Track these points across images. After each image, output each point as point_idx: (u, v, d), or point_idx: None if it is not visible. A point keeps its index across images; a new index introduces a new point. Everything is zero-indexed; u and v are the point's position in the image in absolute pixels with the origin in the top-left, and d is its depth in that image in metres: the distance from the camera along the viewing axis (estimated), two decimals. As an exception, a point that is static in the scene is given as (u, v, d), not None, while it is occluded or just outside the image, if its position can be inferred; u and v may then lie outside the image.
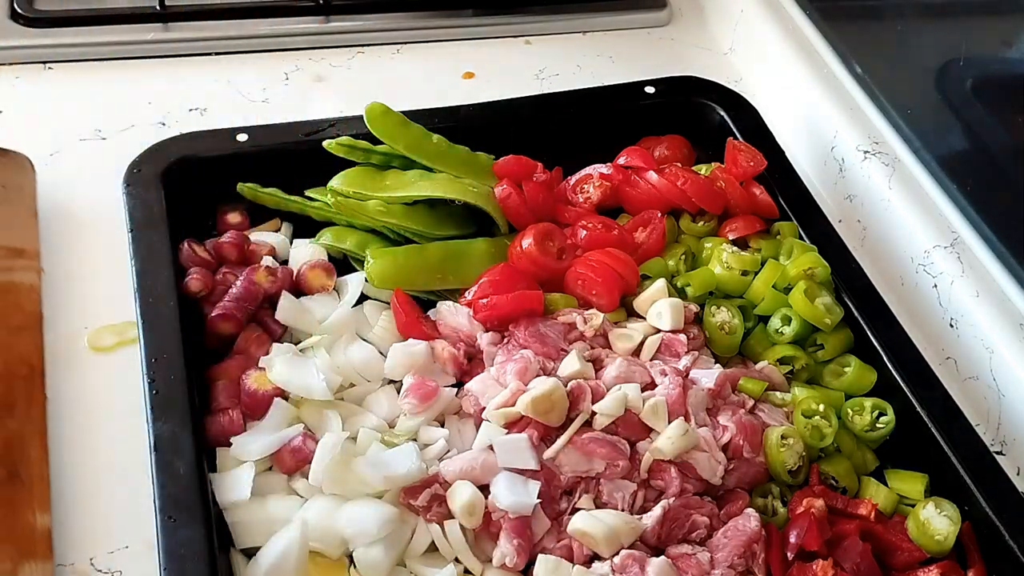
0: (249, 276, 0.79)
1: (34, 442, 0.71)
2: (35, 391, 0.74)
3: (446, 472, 0.71)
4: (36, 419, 0.73)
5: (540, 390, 0.72)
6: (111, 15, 1.03)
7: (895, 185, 0.94)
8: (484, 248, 0.87)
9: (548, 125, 0.96)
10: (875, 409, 0.78)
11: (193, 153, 0.86)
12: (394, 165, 0.89)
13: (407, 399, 0.75)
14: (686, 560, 0.68)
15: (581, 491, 0.72)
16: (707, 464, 0.73)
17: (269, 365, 0.75)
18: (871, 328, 0.82)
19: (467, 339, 0.80)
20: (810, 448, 0.76)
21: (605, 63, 1.12)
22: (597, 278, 0.82)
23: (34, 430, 0.72)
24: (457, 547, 0.69)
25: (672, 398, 0.74)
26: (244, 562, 0.67)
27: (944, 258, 0.89)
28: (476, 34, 1.12)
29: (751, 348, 0.84)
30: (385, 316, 0.81)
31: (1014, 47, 0.84)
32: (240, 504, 0.68)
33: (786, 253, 0.87)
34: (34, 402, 0.73)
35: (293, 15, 1.07)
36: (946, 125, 0.93)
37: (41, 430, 0.72)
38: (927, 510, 0.72)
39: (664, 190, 0.90)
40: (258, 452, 0.71)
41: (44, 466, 0.70)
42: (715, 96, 1.00)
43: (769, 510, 0.74)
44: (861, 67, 1.00)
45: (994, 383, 0.83)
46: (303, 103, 1.02)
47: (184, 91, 1.01)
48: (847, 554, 0.69)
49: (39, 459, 0.71)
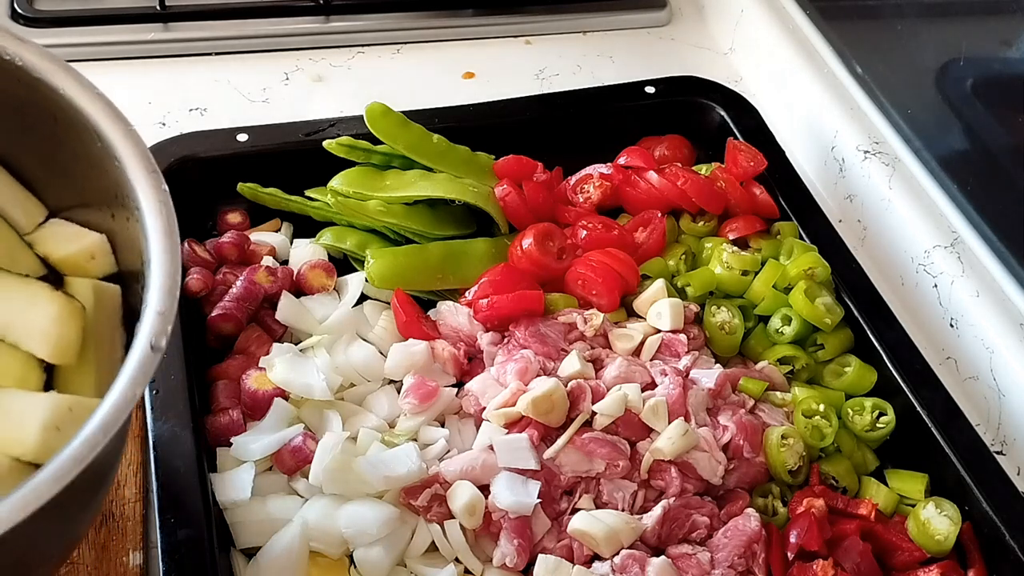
0: (249, 276, 0.79)
1: (129, 481, 0.70)
2: (134, 426, 0.72)
3: (446, 472, 0.71)
4: (133, 457, 0.71)
5: (540, 390, 0.72)
6: (111, 15, 1.03)
7: (895, 185, 0.94)
8: (484, 248, 0.87)
9: (548, 125, 0.96)
10: (875, 409, 0.78)
11: (193, 153, 0.86)
12: (394, 165, 0.89)
13: (407, 399, 0.75)
14: (686, 560, 0.68)
15: (581, 491, 0.72)
16: (707, 464, 0.73)
17: (269, 365, 0.75)
18: (871, 328, 0.82)
19: (467, 339, 0.80)
20: (810, 448, 0.76)
21: (605, 63, 1.12)
22: (597, 278, 0.82)
23: (131, 470, 0.71)
24: (457, 547, 0.69)
25: (672, 398, 0.74)
26: (244, 562, 0.67)
27: (944, 258, 0.89)
28: (476, 34, 1.12)
29: (751, 348, 0.84)
30: (385, 316, 0.81)
31: (1014, 47, 0.84)
32: (240, 504, 0.68)
33: (786, 253, 0.87)
34: (132, 438, 0.71)
35: (293, 15, 1.07)
36: (946, 125, 0.93)
37: (136, 468, 0.71)
38: (927, 510, 0.72)
39: (664, 190, 0.90)
40: (258, 452, 0.71)
41: (138, 505, 0.69)
42: (715, 96, 1.00)
43: (769, 510, 0.74)
44: (861, 67, 1.00)
45: (994, 383, 0.83)
46: (303, 103, 1.02)
47: (184, 91, 1.01)
48: (847, 554, 0.69)
49: (134, 498, 0.70)
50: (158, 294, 0.49)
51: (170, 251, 0.51)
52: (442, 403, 0.76)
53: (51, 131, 0.58)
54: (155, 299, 0.49)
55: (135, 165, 0.54)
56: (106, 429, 0.44)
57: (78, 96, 0.55)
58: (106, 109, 0.55)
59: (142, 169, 0.54)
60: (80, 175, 0.59)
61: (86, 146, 0.56)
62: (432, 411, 0.75)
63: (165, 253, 0.51)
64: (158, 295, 0.49)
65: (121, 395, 0.45)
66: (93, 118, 0.55)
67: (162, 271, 0.50)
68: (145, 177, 0.53)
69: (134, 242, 0.55)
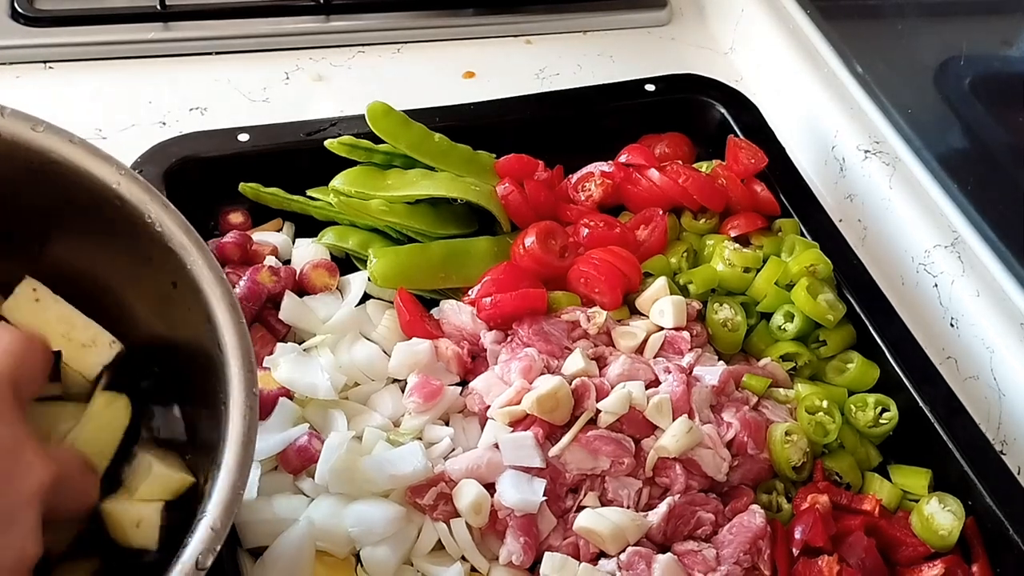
0: (252, 276, 0.79)
1: None
2: None
3: (452, 471, 0.71)
4: None
5: (545, 388, 0.72)
6: (111, 14, 1.02)
7: (896, 184, 0.94)
8: (487, 247, 0.87)
9: (549, 124, 0.96)
10: (878, 405, 0.79)
11: (195, 153, 0.86)
12: (396, 164, 0.89)
13: (411, 398, 0.75)
14: (692, 557, 0.69)
15: (586, 489, 0.72)
16: (711, 461, 0.73)
17: (274, 365, 0.75)
18: (873, 324, 0.82)
19: (471, 338, 0.80)
20: (814, 444, 0.76)
21: (605, 62, 1.12)
22: (600, 276, 0.82)
23: None
24: (464, 545, 0.69)
25: (676, 395, 0.75)
26: (251, 562, 0.67)
27: (945, 257, 0.89)
28: (477, 33, 1.11)
29: (754, 345, 0.84)
30: (388, 315, 0.81)
31: (1014, 46, 0.84)
32: (246, 504, 0.68)
33: (788, 250, 0.87)
34: None
35: (293, 15, 1.07)
36: (947, 125, 0.93)
37: None
38: (931, 505, 0.73)
39: (665, 188, 0.90)
40: (264, 452, 0.70)
41: None
42: (715, 93, 1.01)
43: (774, 506, 0.74)
44: (862, 66, 1.01)
45: (994, 383, 0.83)
46: (304, 103, 1.01)
47: (184, 91, 1.00)
48: (852, 549, 0.70)
49: None
50: (218, 510, 0.47)
51: (241, 465, 0.49)
52: (446, 402, 0.76)
53: (167, 293, 0.58)
54: (213, 512, 0.47)
55: (236, 363, 0.53)
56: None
57: (202, 275, 0.55)
58: (225, 297, 0.54)
59: (240, 368, 0.53)
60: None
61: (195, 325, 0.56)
62: (436, 410, 0.75)
63: (237, 467, 0.49)
64: (218, 511, 0.47)
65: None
66: (211, 301, 0.55)
67: (230, 485, 0.48)
68: (239, 377, 0.52)
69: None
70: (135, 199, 0.56)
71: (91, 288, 0.61)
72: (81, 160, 0.57)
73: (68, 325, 0.60)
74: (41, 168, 0.57)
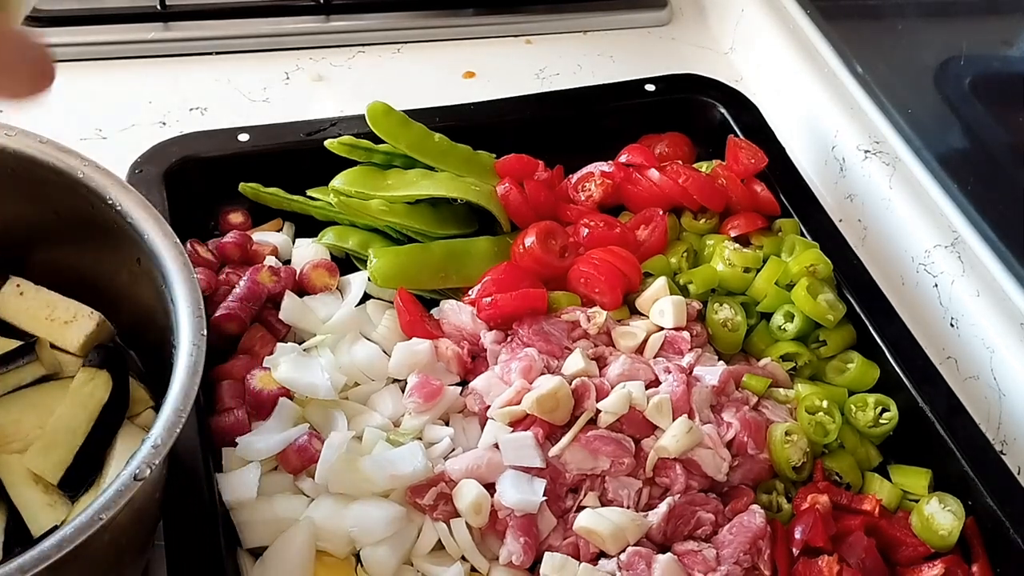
0: (253, 276, 0.79)
1: None
2: None
3: (452, 471, 0.71)
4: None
5: (545, 388, 0.72)
6: (111, 14, 1.02)
7: (896, 184, 0.94)
8: (487, 247, 0.87)
9: (549, 124, 0.96)
10: (878, 405, 0.79)
11: (195, 153, 0.86)
12: (396, 164, 0.89)
13: (411, 398, 0.75)
14: (692, 557, 0.69)
15: (586, 489, 0.72)
16: (712, 461, 0.73)
17: (274, 365, 0.74)
18: (873, 324, 0.82)
19: (471, 338, 0.80)
20: (814, 444, 0.76)
21: (605, 62, 1.12)
22: (600, 276, 0.82)
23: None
24: (464, 545, 0.69)
25: (676, 395, 0.75)
26: (251, 562, 0.67)
27: (945, 257, 0.89)
28: (477, 33, 1.12)
29: (754, 345, 0.84)
30: (388, 315, 0.81)
31: (1014, 46, 0.84)
32: (246, 504, 0.68)
33: (788, 250, 0.87)
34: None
35: (293, 15, 1.07)
36: (947, 125, 0.93)
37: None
38: (931, 505, 0.73)
39: (665, 188, 0.90)
40: (264, 452, 0.70)
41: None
42: (715, 93, 1.01)
43: (774, 506, 0.74)
44: (861, 66, 1.01)
45: (994, 383, 0.83)
46: (304, 103, 1.02)
47: (184, 91, 1.00)
48: (852, 549, 0.70)
49: None
50: (159, 429, 0.51)
51: (185, 390, 0.53)
52: (446, 402, 0.76)
53: (133, 270, 0.63)
54: (156, 431, 0.51)
55: (185, 311, 0.57)
56: (60, 545, 0.46)
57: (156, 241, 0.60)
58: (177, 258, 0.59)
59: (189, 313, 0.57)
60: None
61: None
62: (436, 410, 0.75)
63: (181, 392, 0.53)
64: (159, 430, 0.51)
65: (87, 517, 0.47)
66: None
67: (172, 408, 0.52)
68: (188, 322, 0.57)
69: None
70: (96, 184, 0.61)
71: (75, 281, 0.68)
72: (50, 157, 0.62)
73: (50, 308, 0.67)
74: (17, 171, 0.62)
